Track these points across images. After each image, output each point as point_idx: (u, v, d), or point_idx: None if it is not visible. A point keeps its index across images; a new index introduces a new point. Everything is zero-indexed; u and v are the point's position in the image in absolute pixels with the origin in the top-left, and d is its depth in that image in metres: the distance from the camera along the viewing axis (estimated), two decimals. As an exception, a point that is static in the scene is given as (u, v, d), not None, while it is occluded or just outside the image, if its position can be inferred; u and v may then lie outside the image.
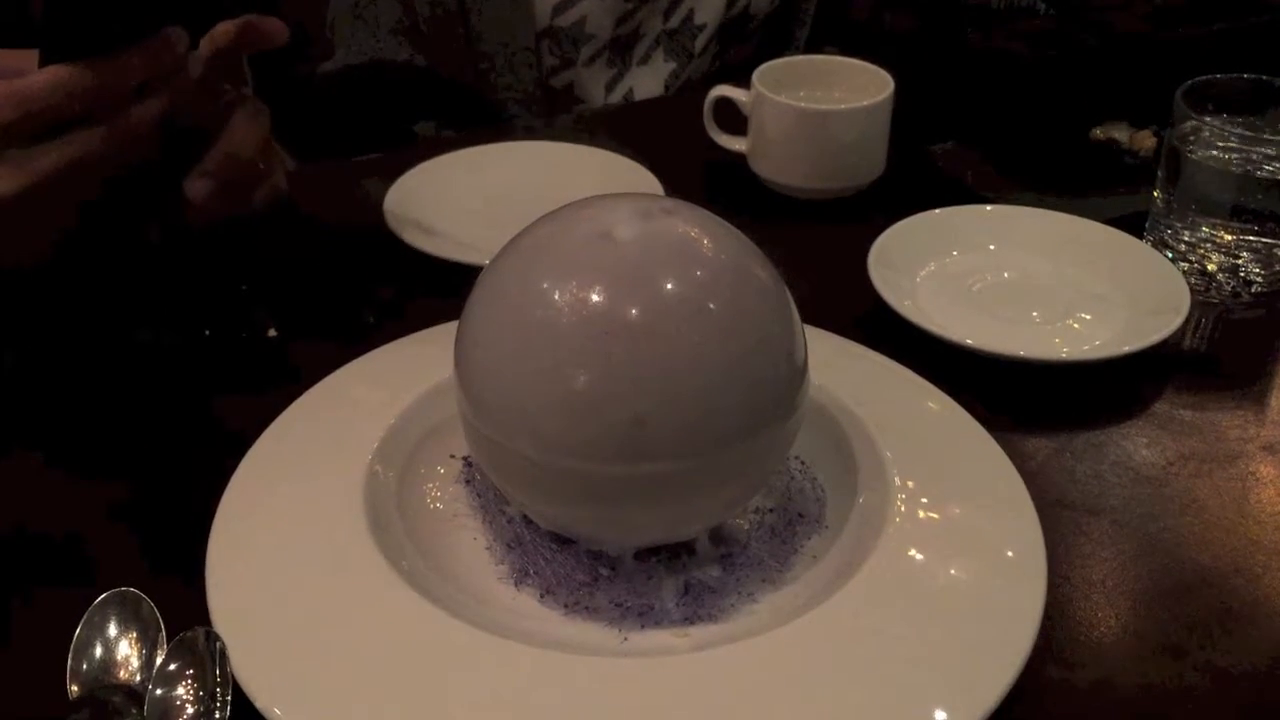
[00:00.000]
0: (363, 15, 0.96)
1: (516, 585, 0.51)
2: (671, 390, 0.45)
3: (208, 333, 0.69)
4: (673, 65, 1.03)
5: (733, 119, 0.85)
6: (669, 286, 0.46)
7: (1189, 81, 0.73)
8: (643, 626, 0.49)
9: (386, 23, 0.96)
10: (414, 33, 0.96)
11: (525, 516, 0.53)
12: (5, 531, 0.55)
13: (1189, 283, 0.69)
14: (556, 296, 0.46)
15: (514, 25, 0.95)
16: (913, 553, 0.50)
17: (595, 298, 0.45)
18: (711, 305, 0.46)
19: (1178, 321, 0.65)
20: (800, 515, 0.54)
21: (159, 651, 0.46)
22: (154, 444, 0.61)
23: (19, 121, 0.50)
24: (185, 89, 0.56)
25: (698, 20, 1.01)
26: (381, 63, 0.97)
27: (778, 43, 1.10)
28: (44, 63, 0.50)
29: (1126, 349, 0.64)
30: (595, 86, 1.02)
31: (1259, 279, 0.73)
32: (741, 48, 1.07)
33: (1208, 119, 0.72)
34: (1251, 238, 0.72)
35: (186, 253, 0.72)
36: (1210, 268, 0.73)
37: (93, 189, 0.55)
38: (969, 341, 0.64)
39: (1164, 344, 0.65)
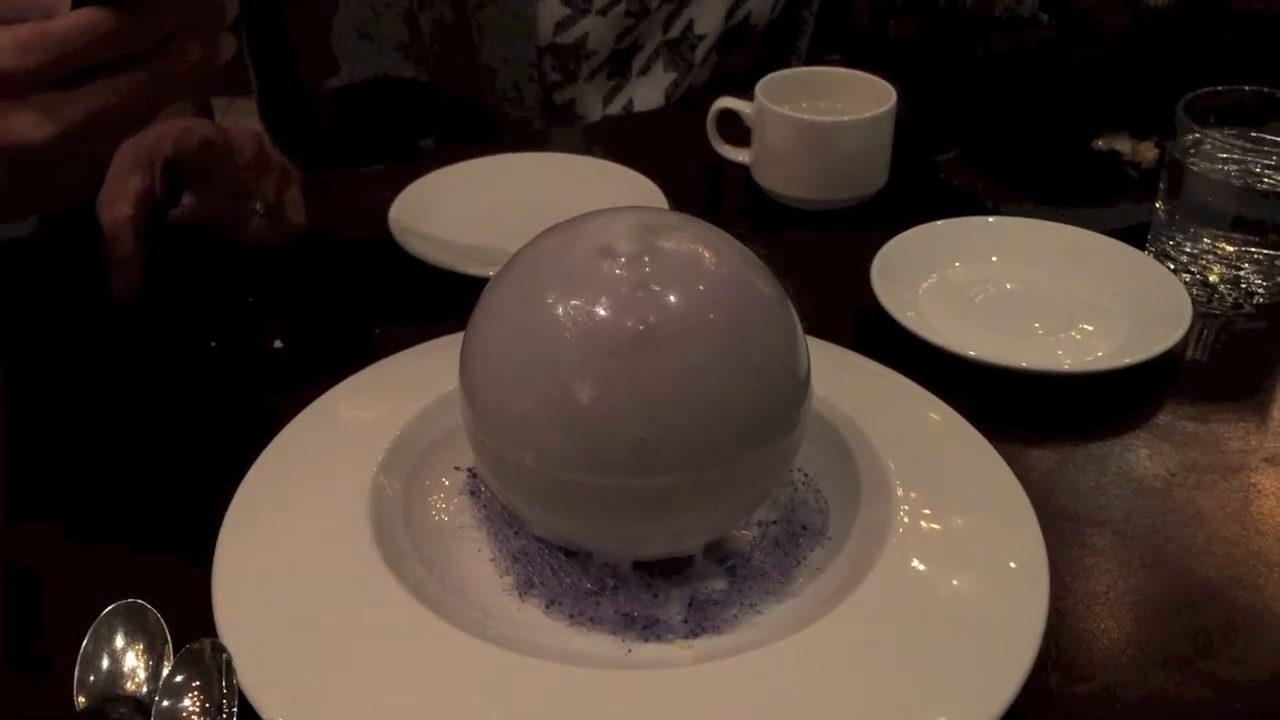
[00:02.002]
0: (367, 32, 0.96)
1: (521, 597, 0.51)
2: (675, 409, 0.45)
3: (214, 344, 0.69)
4: (673, 75, 1.03)
5: (736, 130, 0.86)
6: (672, 302, 0.46)
7: (1191, 93, 0.74)
8: (647, 639, 0.49)
9: (391, 40, 0.96)
10: (418, 49, 0.96)
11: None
12: (12, 542, 0.55)
13: (1191, 294, 0.69)
14: (560, 313, 0.46)
15: (516, 42, 0.95)
16: (915, 564, 0.50)
17: (599, 314, 0.45)
18: (715, 322, 0.46)
19: (1180, 333, 0.65)
20: (804, 527, 0.54)
21: (166, 663, 0.46)
22: (159, 455, 0.61)
23: (49, 66, 0.48)
24: (219, 25, 0.54)
25: (698, 30, 1.02)
26: (386, 79, 0.97)
27: (779, 52, 1.10)
28: (76, 4, 0.50)
29: (1129, 360, 0.64)
30: (595, 99, 1.02)
31: (1261, 290, 0.73)
32: (742, 57, 1.08)
33: (1210, 131, 0.72)
34: (1253, 249, 0.72)
35: (194, 265, 0.73)
36: (1212, 279, 0.73)
37: (123, 137, 0.54)
38: (971, 353, 0.64)
39: (1166, 355, 0.65)
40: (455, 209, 0.81)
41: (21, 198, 0.54)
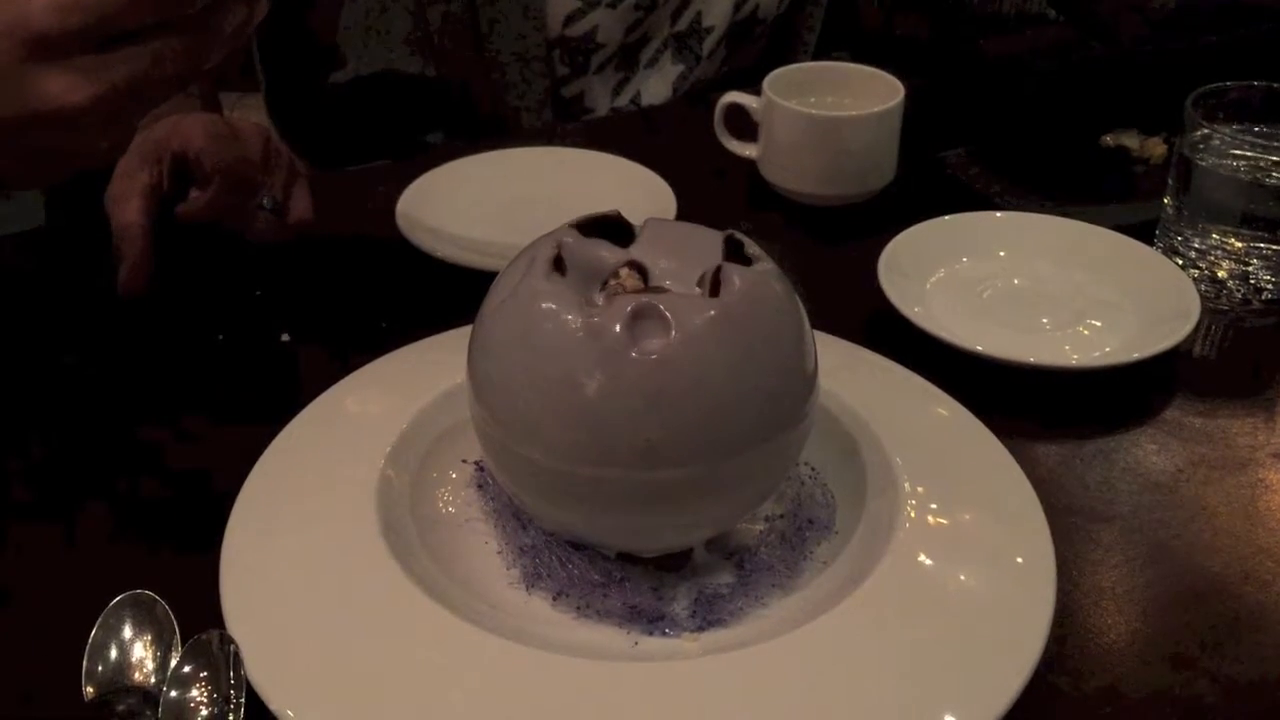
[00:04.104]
0: (375, 26, 0.96)
1: (528, 589, 0.51)
2: (682, 404, 0.45)
3: (221, 337, 0.69)
4: (680, 68, 1.03)
5: (744, 125, 0.86)
6: (679, 297, 0.46)
7: (1199, 89, 0.73)
8: (653, 631, 0.49)
9: (398, 34, 0.96)
10: (425, 43, 0.96)
11: (537, 521, 0.53)
12: (21, 534, 0.55)
13: (1199, 290, 0.69)
14: (567, 308, 0.46)
15: (525, 35, 0.95)
16: (922, 559, 0.50)
17: (606, 309, 0.45)
18: (722, 317, 0.46)
19: (1188, 328, 0.65)
20: (810, 521, 0.54)
21: (173, 654, 0.46)
22: (168, 448, 0.61)
23: (90, 28, 0.48)
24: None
25: (706, 23, 1.02)
26: (393, 73, 0.97)
27: (786, 46, 1.10)
28: None
29: (1136, 356, 0.64)
30: (603, 92, 1.02)
31: (1269, 286, 0.73)
32: (749, 51, 1.08)
33: (1218, 127, 0.72)
34: (1262, 245, 0.72)
35: (201, 259, 0.73)
36: (1221, 275, 0.73)
37: (162, 101, 0.53)
38: (979, 348, 0.64)
39: (1174, 351, 0.65)
40: (463, 203, 0.81)
41: (46, 164, 0.53)
